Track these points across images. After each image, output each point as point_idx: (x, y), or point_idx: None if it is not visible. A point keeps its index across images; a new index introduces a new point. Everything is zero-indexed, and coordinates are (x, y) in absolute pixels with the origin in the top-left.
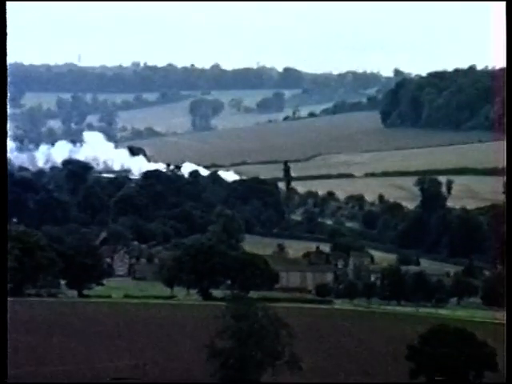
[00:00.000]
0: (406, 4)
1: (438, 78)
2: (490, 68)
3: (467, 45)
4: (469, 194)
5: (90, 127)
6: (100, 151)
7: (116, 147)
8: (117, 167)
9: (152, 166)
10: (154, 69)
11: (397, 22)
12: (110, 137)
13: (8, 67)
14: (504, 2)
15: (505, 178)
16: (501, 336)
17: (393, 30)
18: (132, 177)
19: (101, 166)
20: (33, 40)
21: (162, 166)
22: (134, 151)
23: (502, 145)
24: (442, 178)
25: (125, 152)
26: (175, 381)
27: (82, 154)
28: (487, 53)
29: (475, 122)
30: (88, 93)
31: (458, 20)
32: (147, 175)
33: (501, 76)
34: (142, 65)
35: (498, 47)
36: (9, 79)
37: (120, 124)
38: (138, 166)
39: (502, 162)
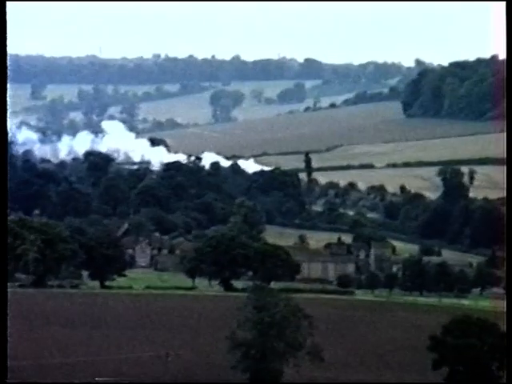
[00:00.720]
0: None
1: (459, 67)
2: None
3: (490, 33)
4: (491, 184)
5: (112, 119)
6: (121, 142)
7: (137, 138)
8: (138, 158)
9: (173, 157)
10: (174, 60)
11: (418, 11)
12: (132, 128)
13: (30, 60)
14: (504, 2)
15: (505, 177)
16: None
17: (414, 20)
18: (153, 168)
19: (122, 157)
20: (55, 33)
21: (183, 157)
22: (155, 142)
23: None
24: (464, 168)
25: (146, 143)
26: (200, 373)
27: (104, 144)
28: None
29: (497, 111)
30: (109, 84)
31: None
32: (168, 167)
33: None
34: (162, 56)
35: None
36: (31, 71)
37: (141, 115)
38: (159, 157)
39: None
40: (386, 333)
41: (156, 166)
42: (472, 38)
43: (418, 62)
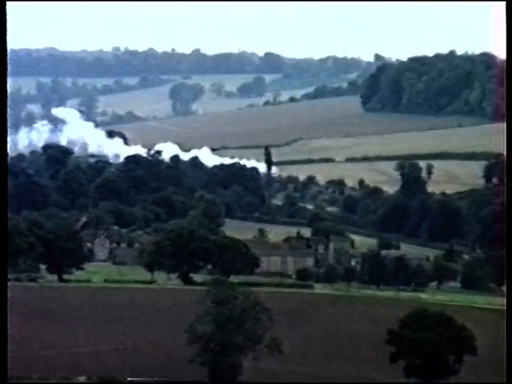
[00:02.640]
0: None
1: (418, 62)
2: (469, 53)
3: (447, 30)
4: (448, 179)
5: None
6: (79, 132)
7: (95, 129)
8: (96, 151)
9: (131, 150)
10: (134, 53)
11: (377, 6)
12: (91, 121)
13: None
14: (504, 2)
15: (505, 178)
16: (479, 320)
17: (374, 15)
18: (111, 161)
19: (80, 150)
20: (13, 24)
21: (142, 150)
22: (113, 135)
23: (481, 129)
24: (422, 163)
25: (104, 136)
26: (159, 367)
27: (63, 135)
28: (467, 38)
29: (455, 106)
30: (68, 77)
31: (437, 4)
32: (127, 160)
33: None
34: (122, 49)
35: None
36: None
37: (100, 108)
38: (118, 151)
39: (481, 147)
40: (344, 326)
41: (115, 159)
42: (432, 34)
43: (378, 57)
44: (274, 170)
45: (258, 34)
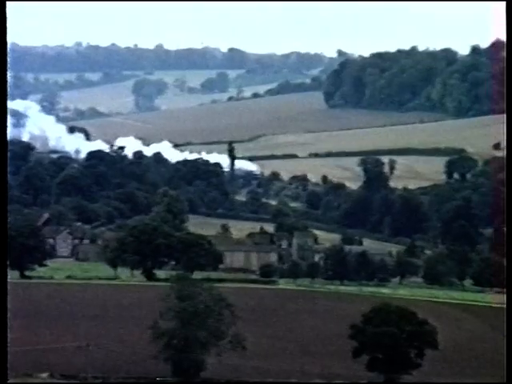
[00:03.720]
0: None
1: (380, 58)
2: (431, 49)
3: (410, 26)
4: (411, 174)
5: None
6: (40, 128)
7: (57, 122)
8: (57, 145)
9: (93, 146)
10: (96, 48)
11: (340, 2)
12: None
13: None
14: (504, 2)
15: (505, 176)
16: (441, 314)
17: (336, 11)
18: (73, 157)
19: (41, 145)
20: None
21: (104, 146)
22: (75, 131)
23: (443, 125)
24: (385, 158)
25: (65, 130)
26: (123, 364)
27: (23, 130)
28: (430, 33)
29: (417, 102)
30: (29, 72)
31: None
32: (90, 156)
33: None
34: (84, 44)
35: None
36: None
37: (62, 104)
38: (80, 146)
39: (443, 143)
40: (308, 321)
41: (76, 155)
42: (393, 30)
43: (340, 53)
44: (256, 166)
45: (221, 29)
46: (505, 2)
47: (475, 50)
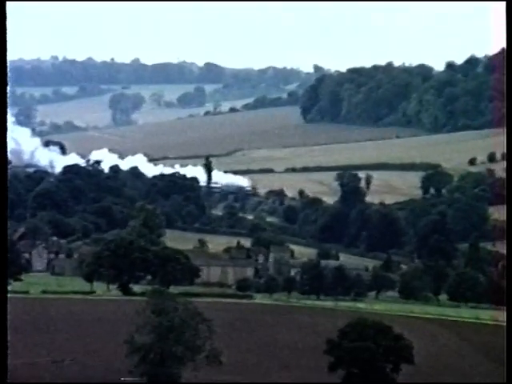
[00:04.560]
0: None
1: (356, 73)
2: (407, 64)
3: (385, 41)
4: (387, 189)
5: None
6: (15, 142)
7: (32, 139)
8: (32, 159)
9: (70, 160)
10: (72, 62)
11: (316, 18)
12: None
13: None
14: (504, 2)
15: (505, 175)
16: (417, 329)
17: (312, 26)
18: (50, 171)
19: (16, 159)
20: None
21: (80, 160)
22: (51, 145)
23: (419, 140)
24: (361, 173)
25: (41, 144)
26: (98, 378)
27: None
28: (404, 49)
29: (393, 117)
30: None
31: (375, 16)
32: (66, 169)
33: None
34: (60, 58)
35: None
36: None
37: (38, 118)
38: (56, 160)
39: (419, 158)
40: (284, 336)
41: (52, 169)
42: (370, 45)
43: (317, 68)
44: (247, 181)
45: (198, 43)
46: (505, 2)
47: (450, 65)
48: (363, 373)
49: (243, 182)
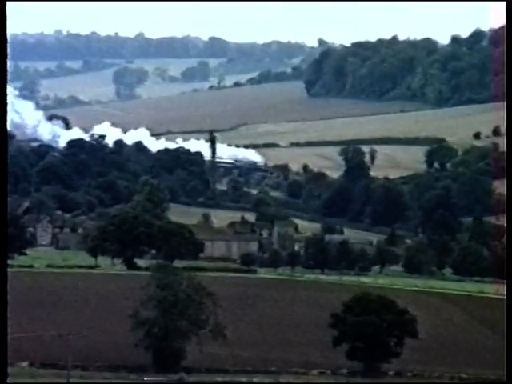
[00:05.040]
0: None
1: (361, 48)
2: (411, 38)
3: (390, 14)
4: (391, 164)
5: (12, 95)
6: (19, 116)
7: (37, 110)
8: (36, 133)
9: (73, 135)
10: (76, 36)
11: None
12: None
13: None
14: (504, 2)
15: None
16: (421, 303)
17: (317, 1)
18: (53, 145)
19: (20, 133)
20: None
21: (83, 134)
22: (55, 119)
23: (423, 115)
24: (366, 148)
25: (45, 118)
26: (103, 352)
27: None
28: (409, 23)
29: (397, 92)
30: (9, 60)
31: None
32: (71, 144)
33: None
34: (64, 32)
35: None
36: None
37: (42, 92)
38: (60, 134)
39: (423, 132)
40: (288, 310)
41: (57, 143)
42: (375, 18)
43: (321, 42)
44: (261, 159)
45: (202, 18)
46: (505, 2)
47: (455, 39)
48: (367, 347)
49: (249, 154)
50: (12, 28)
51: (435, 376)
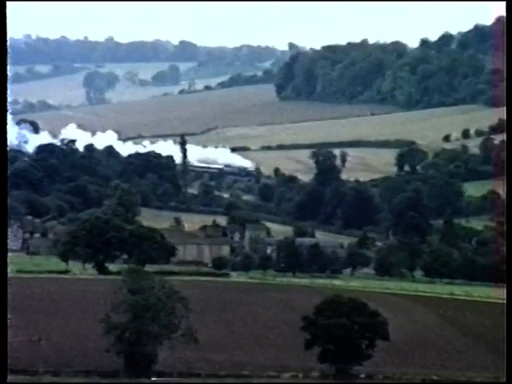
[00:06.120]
0: None
1: (331, 51)
2: (381, 42)
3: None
4: (362, 167)
5: None
6: None
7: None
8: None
9: (42, 139)
10: (46, 41)
11: None
12: None
13: None
14: (504, 2)
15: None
16: (392, 305)
17: (286, 5)
18: (24, 150)
19: None
20: None
21: (53, 140)
22: (22, 124)
23: (393, 117)
24: (337, 151)
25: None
26: (74, 358)
27: None
28: (379, 27)
29: (368, 95)
30: None
31: None
32: (41, 149)
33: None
34: (33, 36)
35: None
36: None
37: (12, 97)
38: (29, 139)
39: (394, 135)
40: (260, 313)
41: (25, 148)
42: (345, 22)
43: (291, 46)
44: (249, 163)
45: (172, 22)
46: (505, 2)
47: (424, 42)
48: (339, 349)
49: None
50: None
51: (406, 378)
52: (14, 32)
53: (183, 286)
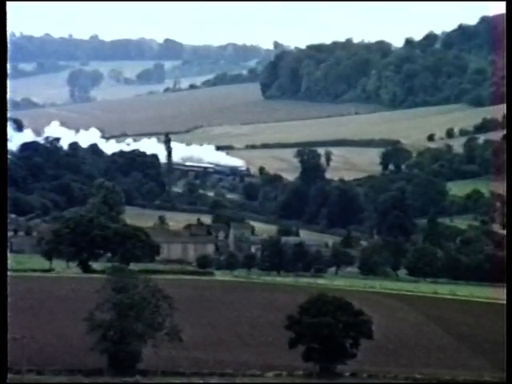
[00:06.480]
0: None
1: (316, 50)
2: (366, 41)
3: (344, 17)
4: (347, 166)
5: None
6: None
7: None
8: None
9: (25, 137)
10: (30, 38)
11: None
12: None
13: None
14: (504, 2)
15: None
16: (376, 304)
17: (272, 3)
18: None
19: None
20: None
21: (36, 137)
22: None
23: (378, 117)
24: (321, 150)
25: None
26: (57, 356)
27: None
28: (364, 26)
29: (352, 94)
30: None
31: None
32: (24, 147)
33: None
34: (17, 34)
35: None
36: None
37: None
38: (13, 137)
39: (378, 134)
40: (244, 312)
41: (13, 146)
42: (330, 21)
43: (276, 45)
44: (240, 162)
45: (157, 20)
46: (505, 2)
47: (409, 42)
48: (323, 348)
49: (238, 162)
50: None
51: (390, 376)
52: None
53: (167, 284)
